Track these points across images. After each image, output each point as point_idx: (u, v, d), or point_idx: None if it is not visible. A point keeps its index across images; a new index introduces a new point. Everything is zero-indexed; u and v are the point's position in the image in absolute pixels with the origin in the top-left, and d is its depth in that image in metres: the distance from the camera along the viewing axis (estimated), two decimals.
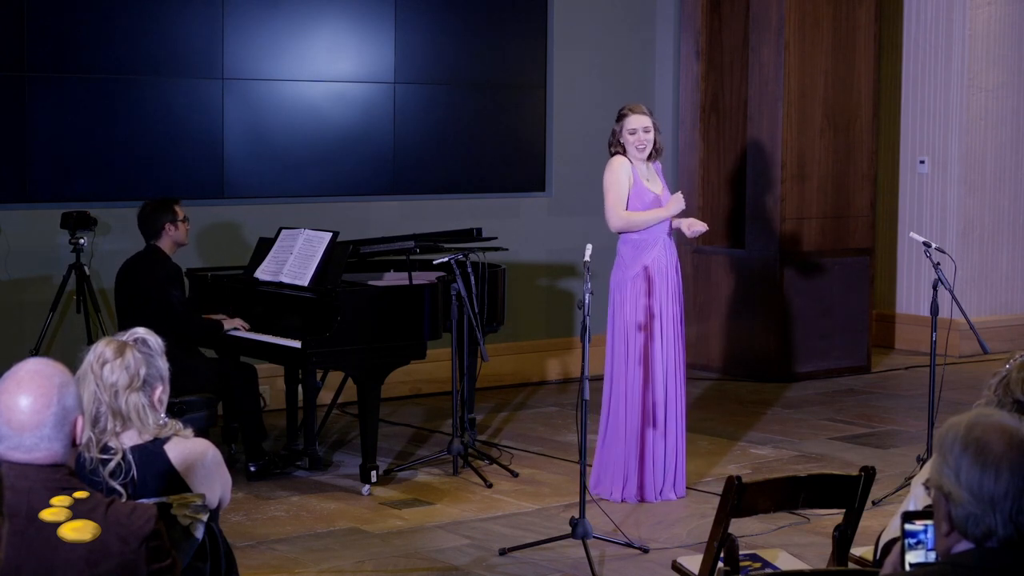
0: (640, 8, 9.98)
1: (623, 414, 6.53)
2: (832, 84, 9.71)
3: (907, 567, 2.80)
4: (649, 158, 6.66)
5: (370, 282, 7.22)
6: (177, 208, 6.91)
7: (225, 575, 3.59)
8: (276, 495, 6.63)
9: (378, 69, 8.79)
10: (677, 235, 6.77)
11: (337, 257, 6.83)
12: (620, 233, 6.61)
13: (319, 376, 7.22)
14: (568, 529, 5.74)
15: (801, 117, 9.58)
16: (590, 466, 6.49)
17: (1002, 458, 2.52)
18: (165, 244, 6.87)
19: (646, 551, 5.80)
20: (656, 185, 6.66)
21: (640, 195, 6.56)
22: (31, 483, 2.83)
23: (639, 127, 6.57)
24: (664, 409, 6.56)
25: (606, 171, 6.61)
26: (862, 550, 4.20)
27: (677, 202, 6.58)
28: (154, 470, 3.48)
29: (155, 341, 3.58)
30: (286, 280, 6.86)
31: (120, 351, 3.50)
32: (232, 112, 8.27)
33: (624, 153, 6.61)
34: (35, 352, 7.10)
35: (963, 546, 2.57)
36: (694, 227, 6.71)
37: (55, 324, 7.60)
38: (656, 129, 6.64)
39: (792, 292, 9.61)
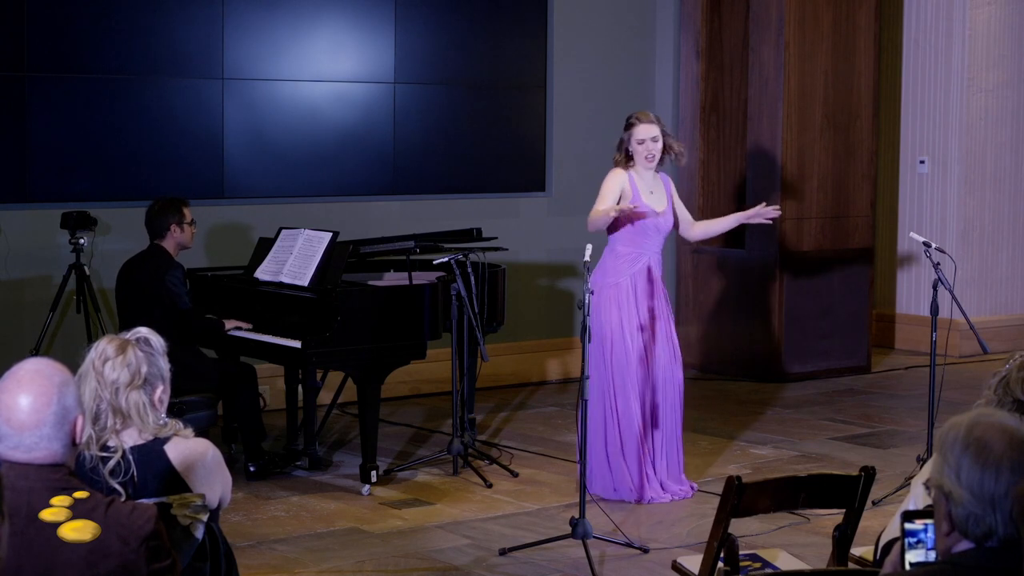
0: (640, 8, 9.98)
1: (599, 416, 6.52)
2: (832, 84, 9.71)
3: (907, 567, 2.80)
4: (660, 168, 6.63)
5: (370, 282, 7.22)
6: (185, 210, 6.90)
7: (225, 575, 3.60)
8: (276, 495, 6.63)
9: (378, 69, 8.79)
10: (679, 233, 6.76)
11: (337, 257, 6.83)
12: (610, 236, 6.58)
13: (319, 376, 7.22)
14: (568, 529, 5.74)
15: (801, 117, 9.58)
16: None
17: (1002, 458, 2.52)
18: (169, 244, 6.87)
19: (646, 551, 5.79)
20: (658, 201, 6.60)
21: (635, 211, 6.51)
22: (31, 483, 2.83)
23: (647, 137, 6.52)
24: (645, 409, 6.53)
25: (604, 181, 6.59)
26: (862, 550, 4.20)
27: (618, 209, 6.40)
28: (154, 470, 3.48)
29: (157, 341, 3.58)
30: (286, 280, 6.86)
31: (122, 349, 3.50)
32: (232, 112, 8.27)
33: (627, 164, 6.56)
34: (35, 352, 7.10)
35: (963, 546, 2.57)
36: (767, 214, 6.69)
37: (55, 324, 7.60)
38: (666, 135, 6.59)
39: (792, 292, 9.61)
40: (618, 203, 6.45)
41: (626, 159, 6.56)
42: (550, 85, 9.53)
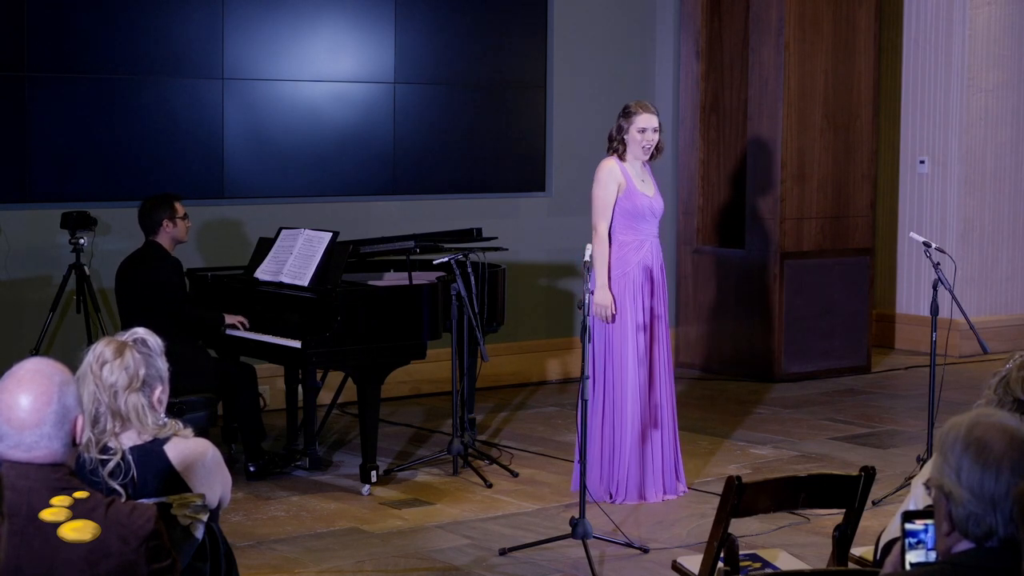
0: (640, 8, 9.98)
1: (598, 416, 6.51)
2: (832, 84, 9.71)
3: (907, 567, 2.80)
4: (650, 159, 6.64)
5: (370, 282, 7.22)
6: (177, 205, 6.91)
7: (225, 575, 3.59)
8: (276, 495, 6.62)
9: (378, 69, 8.79)
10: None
11: (337, 257, 6.83)
12: (611, 227, 6.58)
13: (319, 376, 7.22)
14: (568, 529, 5.74)
15: (801, 117, 9.58)
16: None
17: (1003, 458, 2.52)
18: (164, 240, 6.87)
19: (646, 551, 5.79)
20: (649, 187, 6.63)
21: (632, 197, 6.50)
22: (31, 483, 2.82)
23: (649, 127, 6.52)
24: (646, 410, 6.53)
25: (596, 177, 6.56)
26: (862, 550, 4.20)
27: (607, 312, 6.37)
28: (154, 470, 3.48)
29: (154, 341, 3.58)
30: (286, 280, 6.86)
31: (119, 351, 3.49)
32: (232, 112, 8.27)
33: (621, 153, 6.56)
34: (35, 352, 7.09)
35: (963, 546, 2.57)
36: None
37: (55, 324, 7.60)
38: (661, 128, 6.61)
39: (792, 292, 9.61)
40: (617, 195, 6.48)
41: (622, 147, 6.55)
42: (550, 85, 9.53)
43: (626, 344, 6.48)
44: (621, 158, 6.55)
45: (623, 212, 6.51)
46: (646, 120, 6.51)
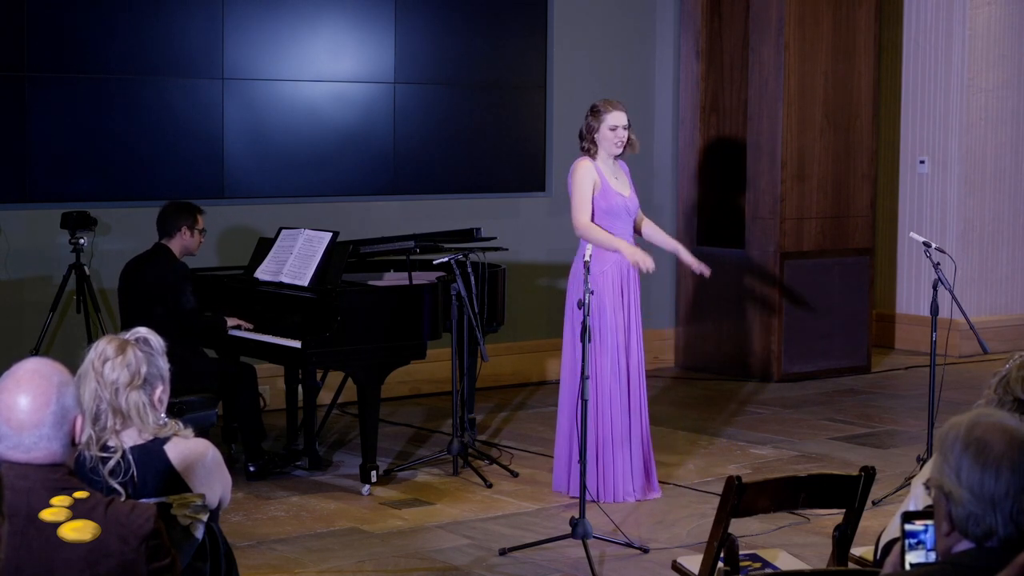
0: (640, 8, 9.98)
1: (565, 414, 6.53)
2: (832, 84, 9.71)
3: (907, 567, 2.80)
4: (619, 156, 6.66)
5: (370, 282, 7.22)
6: (199, 217, 6.93)
7: (225, 575, 3.60)
8: (276, 495, 6.62)
9: (378, 69, 8.79)
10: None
11: (337, 257, 6.83)
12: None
13: (319, 376, 7.22)
14: (568, 529, 5.74)
15: (801, 117, 9.58)
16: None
17: (1003, 458, 2.52)
18: (175, 246, 6.87)
19: (646, 551, 5.79)
20: (624, 186, 6.63)
21: (607, 196, 6.51)
22: (31, 483, 2.83)
23: (620, 124, 6.55)
24: (629, 408, 6.54)
25: (572, 175, 6.57)
26: (862, 550, 4.20)
27: (645, 259, 6.49)
28: (154, 470, 3.48)
29: (156, 340, 3.58)
30: (286, 280, 6.86)
31: (121, 349, 3.50)
32: (232, 112, 8.27)
33: (593, 153, 6.57)
34: (35, 352, 7.10)
35: (963, 546, 2.57)
36: (703, 268, 6.87)
37: (55, 324, 7.60)
38: (630, 125, 6.63)
39: (792, 292, 9.61)
40: (593, 194, 6.51)
41: (594, 147, 6.57)
42: (550, 85, 9.53)
43: (605, 343, 6.49)
44: (593, 158, 6.58)
45: (599, 211, 6.53)
46: (618, 118, 6.55)
